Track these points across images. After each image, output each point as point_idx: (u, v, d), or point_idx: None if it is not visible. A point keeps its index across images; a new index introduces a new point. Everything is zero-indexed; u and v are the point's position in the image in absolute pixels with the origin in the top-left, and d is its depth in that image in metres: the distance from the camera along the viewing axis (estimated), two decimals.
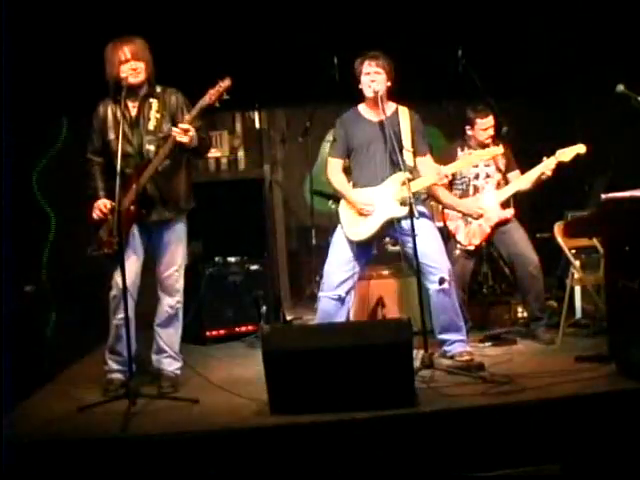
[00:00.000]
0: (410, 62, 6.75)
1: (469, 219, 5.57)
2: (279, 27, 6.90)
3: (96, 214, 4.59)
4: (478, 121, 5.57)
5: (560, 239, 5.25)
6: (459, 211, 5.55)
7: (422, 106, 6.02)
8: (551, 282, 6.16)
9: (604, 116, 6.26)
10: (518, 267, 5.49)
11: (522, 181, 5.52)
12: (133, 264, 4.58)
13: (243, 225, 7.42)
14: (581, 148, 5.33)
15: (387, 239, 5.64)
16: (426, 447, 3.79)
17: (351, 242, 4.98)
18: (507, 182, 5.64)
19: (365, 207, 4.92)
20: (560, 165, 5.37)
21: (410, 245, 4.76)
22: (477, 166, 5.51)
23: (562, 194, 5.57)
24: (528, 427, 3.84)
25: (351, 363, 3.92)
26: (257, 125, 7.90)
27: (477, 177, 5.63)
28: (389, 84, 4.98)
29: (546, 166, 5.38)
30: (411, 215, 4.57)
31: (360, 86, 5.01)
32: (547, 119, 5.46)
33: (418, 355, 4.50)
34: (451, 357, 4.94)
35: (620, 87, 4.68)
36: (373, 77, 4.93)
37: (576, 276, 5.26)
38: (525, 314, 5.77)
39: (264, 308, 6.22)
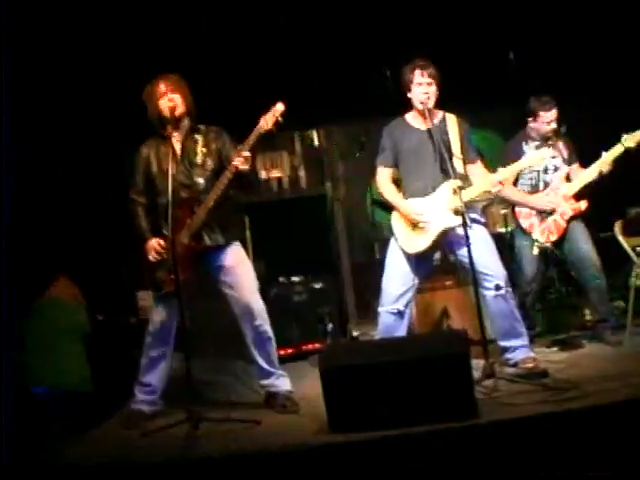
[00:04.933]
0: (464, 67, 6.80)
1: (543, 215, 5.46)
2: (328, 43, 6.95)
3: (152, 256, 4.63)
4: (542, 114, 5.44)
5: (621, 237, 5.16)
6: (531, 207, 5.47)
7: (477, 110, 6.02)
8: (618, 281, 6.03)
9: None
10: (580, 270, 5.41)
11: (592, 171, 5.36)
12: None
13: (307, 243, 7.48)
14: None
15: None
16: (488, 458, 3.74)
17: (407, 254, 4.95)
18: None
19: (419, 219, 4.89)
20: (628, 153, 5.23)
21: (464, 254, 4.71)
22: (531, 166, 5.36)
23: (624, 191, 5.45)
24: (593, 433, 3.75)
25: (408, 377, 3.89)
26: (316, 143, 7.97)
27: (546, 171, 5.50)
28: (437, 93, 4.95)
29: (613, 153, 5.26)
30: (464, 224, 4.53)
31: (409, 95, 4.97)
32: (596, 119, 5.37)
33: (480, 365, 4.47)
34: (514, 364, 4.86)
35: None
36: (426, 89, 4.88)
37: None
38: (592, 317, 5.65)
39: (329, 325, 6.26)
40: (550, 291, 6.28)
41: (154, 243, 4.64)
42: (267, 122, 4.48)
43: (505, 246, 5.71)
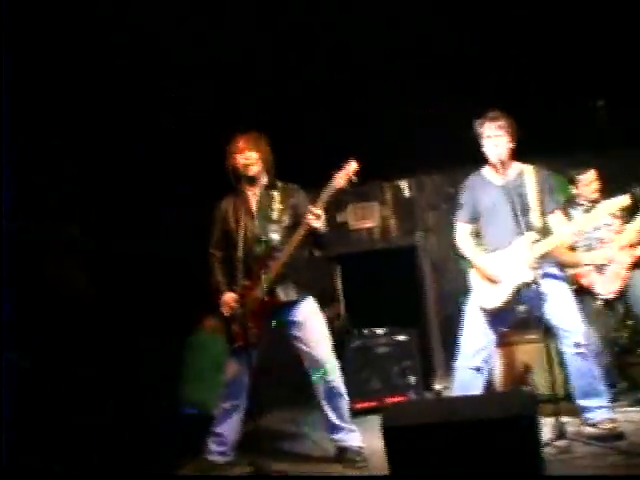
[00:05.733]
0: (551, 116, 6.70)
1: (601, 267, 5.39)
2: (417, 97, 6.96)
3: (226, 311, 4.73)
4: (580, 178, 5.55)
5: None
6: (588, 264, 5.41)
7: (564, 158, 5.93)
8: None
9: None
10: None
11: None
12: (256, 355, 4.74)
13: (396, 294, 7.45)
14: None
15: None
16: None
17: (484, 310, 4.89)
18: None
19: (495, 274, 4.83)
20: None
21: (542, 309, 4.65)
22: (608, 215, 5.25)
23: None
24: None
25: (472, 437, 3.80)
26: (406, 193, 7.98)
27: (597, 229, 5.47)
28: (512, 145, 4.91)
29: None
30: (534, 281, 4.47)
31: (483, 149, 4.97)
32: None
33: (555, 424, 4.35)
34: (593, 425, 4.67)
35: None
36: (495, 141, 4.88)
37: None
38: None
39: (412, 378, 6.21)
40: None
41: (228, 297, 4.74)
42: (340, 180, 4.55)
43: None
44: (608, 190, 5.47)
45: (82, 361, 5.71)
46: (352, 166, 4.56)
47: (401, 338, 6.48)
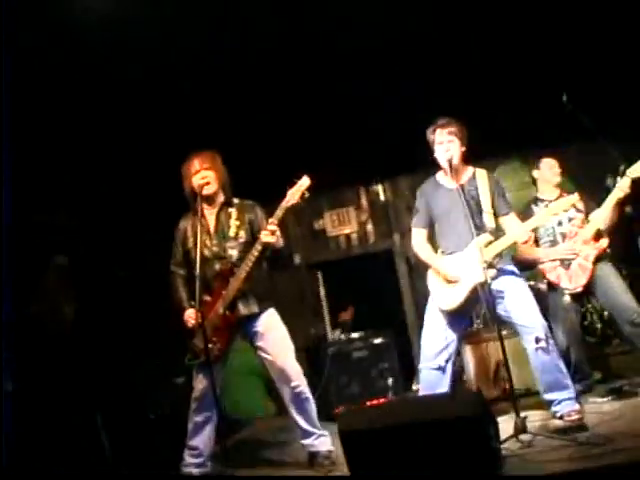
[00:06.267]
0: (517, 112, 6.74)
1: (567, 262, 5.42)
2: (385, 100, 7.00)
3: (190, 323, 4.78)
4: (542, 160, 5.62)
5: None
6: (554, 259, 5.45)
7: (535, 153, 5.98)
8: None
9: None
10: (618, 318, 5.26)
11: (603, 210, 5.36)
12: (222, 368, 4.85)
13: (376, 298, 7.51)
14: None
15: None
16: None
17: (443, 311, 4.95)
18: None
19: (452, 276, 4.89)
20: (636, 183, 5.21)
21: (502, 308, 4.75)
22: (557, 214, 5.31)
23: None
24: None
25: (425, 438, 3.87)
26: (382, 197, 8.03)
27: (560, 223, 5.51)
28: (463, 149, 4.98)
29: (620, 188, 5.25)
30: (485, 280, 4.55)
31: (435, 155, 5.03)
32: None
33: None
34: (560, 417, 4.70)
35: None
36: (447, 146, 4.95)
37: None
38: None
39: (390, 380, 6.27)
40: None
41: (190, 312, 4.80)
42: (293, 196, 4.63)
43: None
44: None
45: (83, 361, 5.80)
46: (305, 181, 4.64)
47: (378, 341, 6.54)
